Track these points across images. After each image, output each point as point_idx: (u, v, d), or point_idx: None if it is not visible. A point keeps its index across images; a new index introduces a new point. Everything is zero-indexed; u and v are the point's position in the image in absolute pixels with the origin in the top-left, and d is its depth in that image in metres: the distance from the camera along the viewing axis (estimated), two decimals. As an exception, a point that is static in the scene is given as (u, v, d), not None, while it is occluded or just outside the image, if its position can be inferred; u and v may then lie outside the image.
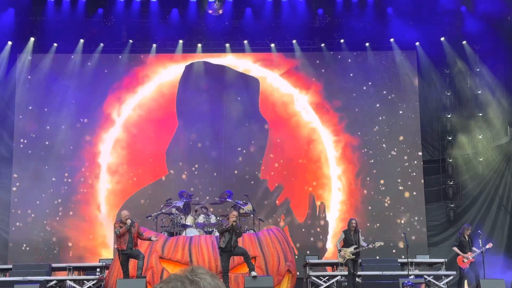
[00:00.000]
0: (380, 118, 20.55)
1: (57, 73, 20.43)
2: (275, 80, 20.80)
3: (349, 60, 20.83)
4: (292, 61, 20.84)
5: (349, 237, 14.81)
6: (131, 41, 20.43)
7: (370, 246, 14.90)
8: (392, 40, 20.49)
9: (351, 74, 20.74)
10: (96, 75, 20.61)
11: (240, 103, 20.62)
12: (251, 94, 20.78)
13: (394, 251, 18.97)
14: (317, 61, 20.87)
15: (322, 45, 20.60)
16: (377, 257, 17.62)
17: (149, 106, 20.64)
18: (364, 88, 20.66)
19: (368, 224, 19.60)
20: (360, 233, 15.03)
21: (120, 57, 20.75)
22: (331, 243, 19.29)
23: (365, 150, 20.37)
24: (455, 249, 15.73)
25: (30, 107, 20.59)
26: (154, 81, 20.81)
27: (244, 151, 20.39)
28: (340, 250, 14.80)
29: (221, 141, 20.42)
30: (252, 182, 20.14)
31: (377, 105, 20.64)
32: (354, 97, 20.68)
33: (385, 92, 20.73)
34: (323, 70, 20.85)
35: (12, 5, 19.29)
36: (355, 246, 14.61)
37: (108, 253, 19.28)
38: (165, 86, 20.83)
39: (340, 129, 20.49)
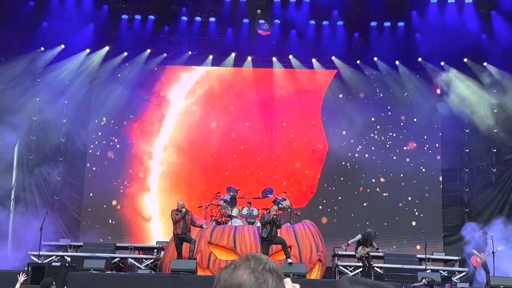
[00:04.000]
0: (405, 130, 20.38)
1: (124, 78, 20.73)
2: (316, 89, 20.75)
3: (382, 75, 20.68)
4: (330, 75, 20.73)
5: (365, 240, 14.85)
6: (190, 52, 20.61)
7: (380, 251, 15.18)
8: (420, 59, 20.27)
9: (382, 89, 20.63)
10: (158, 80, 20.95)
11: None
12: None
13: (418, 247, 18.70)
14: (354, 76, 20.72)
15: (358, 61, 20.50)
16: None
17: (205, 110, 20.80)
18: (394, 101, 20.55)
19: (387, 223, 19.50)
20: None
21: (180, 67, 20.99)
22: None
23: (391, 155, 20.19)
24: (474, 251, 15.57)
25: (99, 107, 20.89)
26: (207, 87, 21.01)
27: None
28: (356, 248, 14.93)
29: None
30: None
31: (402, 117, 20.51)
32: (385, 107, 20.61)
33: (410, 105, 20.55)
34: (362, 80, 20.76)
35: (92, 21, 19.67)
36: (371, 248, 14.76)
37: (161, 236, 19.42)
38: (217, 92, 21.00)
39: (370, 132, 20.45)
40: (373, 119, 20.58)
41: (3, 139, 18.59)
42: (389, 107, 20.77)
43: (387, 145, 20.45)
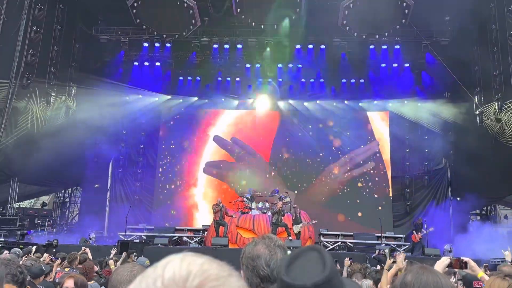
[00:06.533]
0: (363, 155, 20.13)
1: (180, 115, 20.72)
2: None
3: (349, 115, 20.47)
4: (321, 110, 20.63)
5: (297, 217, 14.69)
6: (223, 99, 20.61)
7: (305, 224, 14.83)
8: (375, 102, 20.19)
9: (350, 124, 20.45)
10: (203, 117, 20.89)
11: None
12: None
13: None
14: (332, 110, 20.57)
15: (334, 103, 20.35)
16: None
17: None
18: (359, 129, 20.34)
19: (358, 213, 19.23)
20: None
21: (217, 110, 21.00)
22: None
23: (359, 167, 20.03)
24: (414, 231, 15.34)
25: (163, 136, 20.88)
26: (234, 121, 20.83)
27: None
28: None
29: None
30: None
31: (362, 145, 20.35)
32: (352, 134, 20.27)
33: (368, 135, 20.37)
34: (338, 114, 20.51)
35: (160, 80, 19.93)
36: (301, 224, 14.62)
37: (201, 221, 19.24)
38: (241, 124, 20.74)
39: (342, 150, 20.16)
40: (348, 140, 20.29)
41: (107, 158, 18.81)
42: (360, 134, 20.45)
43: (357, 159, 20.18)
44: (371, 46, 17.86)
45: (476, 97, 16.14)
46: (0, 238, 13.35)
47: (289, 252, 1.87)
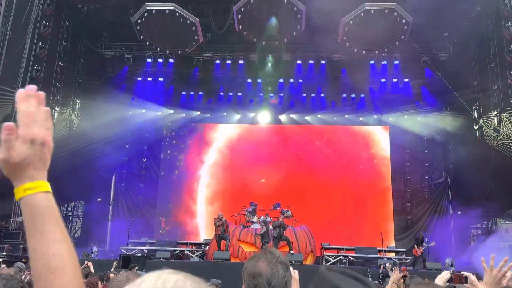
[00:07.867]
0: (364, 168, 20.05)
1: (182, 129, 20.81)
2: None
3: (349, 129, 20.49)
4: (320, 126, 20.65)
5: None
6: (225, 113, 20.71)
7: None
8: (375, 116, 20.19)
9: (351, 138, 20.42)
10: (204, 130, 20.92)
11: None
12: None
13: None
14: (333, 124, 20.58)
15: (335, 118, 20.41)
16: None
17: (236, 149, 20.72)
18: (361, 151, 20.28)
19: (357, 228, 19.03)
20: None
21: (217, 124, 21.02)
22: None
23: (359, 181, 19.91)
24: (415, 246, 15.21)
25: (165, 149, 20.94)
26: (235, 134, 20.89)
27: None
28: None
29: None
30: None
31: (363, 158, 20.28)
32: (353, 148, 20.20)
33: (369, 149, 20.33)
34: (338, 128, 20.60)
35: (162, 95, 20.03)
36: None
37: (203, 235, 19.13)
38: (242, 137, 20.76)
39: (348, 165, 20.06)
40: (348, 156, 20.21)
41: (110, 172, 18.76)
42: (360, 147, 20.38)
43: (358, 173, 20.06)
44: (371, 62, 17.97)
45: (475, 111, 16.16)
46: (3, 252, 13.27)
47: (291, 268, 1.85)
